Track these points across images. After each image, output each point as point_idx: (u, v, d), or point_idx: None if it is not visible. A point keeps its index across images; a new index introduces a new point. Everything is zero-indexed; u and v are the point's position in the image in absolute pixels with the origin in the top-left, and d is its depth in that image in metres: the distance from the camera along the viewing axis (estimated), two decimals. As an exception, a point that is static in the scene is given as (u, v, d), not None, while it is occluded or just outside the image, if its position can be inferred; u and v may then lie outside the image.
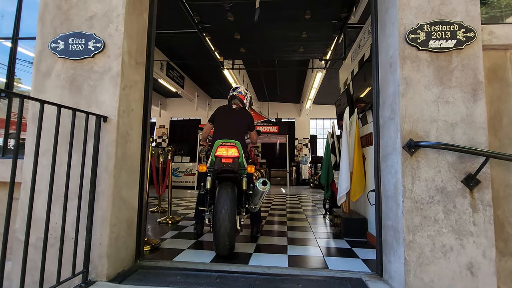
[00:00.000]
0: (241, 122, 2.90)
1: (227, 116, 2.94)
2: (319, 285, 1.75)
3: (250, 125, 2.99)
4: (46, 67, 1.91)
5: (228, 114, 2.95)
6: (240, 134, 2.83)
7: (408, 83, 1.67)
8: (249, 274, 1.91)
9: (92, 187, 1.72)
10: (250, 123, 2.98)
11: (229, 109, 3.01)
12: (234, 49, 4.35)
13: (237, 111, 2.98)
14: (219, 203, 2.17)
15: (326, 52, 4.45)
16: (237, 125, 2.85)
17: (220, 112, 2.98)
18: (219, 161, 2.29)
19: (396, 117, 1.70)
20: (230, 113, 2.96)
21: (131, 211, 2.01)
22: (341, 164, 2.96)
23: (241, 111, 2.99)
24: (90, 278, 1.72)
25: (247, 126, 2.96)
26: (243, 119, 2.93)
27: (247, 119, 2.97)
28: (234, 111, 2.98)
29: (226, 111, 2.99)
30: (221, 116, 2.93)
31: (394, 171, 1.71)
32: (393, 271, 1.70)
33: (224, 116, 2.93)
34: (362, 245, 2.71)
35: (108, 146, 1.82)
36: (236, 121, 2.89)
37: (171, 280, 1.78)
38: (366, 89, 2.91)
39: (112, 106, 1.85)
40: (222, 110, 3.01)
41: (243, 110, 3.03)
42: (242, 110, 3.03)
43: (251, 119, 3.02)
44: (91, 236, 1.70)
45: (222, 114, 2.95)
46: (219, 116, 2.94)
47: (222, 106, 3.08)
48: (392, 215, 1.73)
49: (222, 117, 2.93)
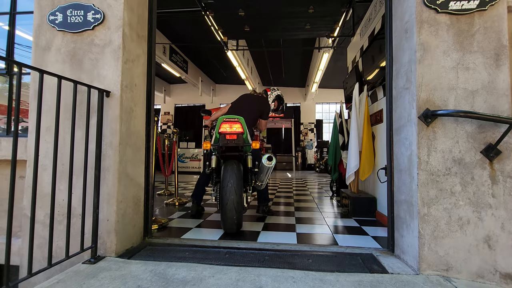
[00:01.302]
0: (254, 107, 2.94)
1: (244, 101, 2.99)
2: (329, 260, 1.72)
3: (264, 113, 3.02)
4: (46, 41, 1.85)
5: (246, 100, 3.00)
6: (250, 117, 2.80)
7: (425, 49, 1.57)
8: (258, 250, 1.90)
9: (97, 163, 1.69)
10: (264, 110, 3.02)
11: (248, 96, 3.08)
12: (238, 27, 4.19)
13: (255, 97, 3.05)
14: (225, 178, 2.14)
15: (333, 29, 4.27)
16: (248, 108, 2.89)
17: (240, 98, 3.05)
18: (223, 138, 2.24)
19: (412, 86, 1.60)
20: (248, 98, 3.02)
21: (138, 188, 1.99)
22: (350, 142, 2.88)
23: (259, 99, 3.04)
24: (99, 253, 1.72)
25: (260, 112, 2.97)
26: (257, 106, 2.97)
27: (263, 107, 3.01)
28: (252, 97, 3.04)
29: (245, 97, 3.05)
30: (239, 100, 3.01)
31: (408, 143, 1.64)
32: (405, 245, 1.66)
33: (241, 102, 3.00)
34: (371, 224, 2.68)
35: (112, 122, 1.77)
36: (249, 104, 2.95)
37: (180, 256, 1.77)
38: (377, 63, 2.79)
39: (115, 80, 1.79)
40: (243, 96, 3.08)
41: (261, 99, 3.05)
42: (261, 98, 3.06)
43: (268, 108, 3.04)
44: (98, 212, 1.68)
45: (240, 100, 3.02)
46: (237, 100, 3.02)
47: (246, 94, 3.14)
48: (405, 189, 1.67)
49: (239, 102, 3.00)
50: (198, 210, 3.02)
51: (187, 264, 1.64)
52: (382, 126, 2.78)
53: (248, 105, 2.92)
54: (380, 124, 2.82)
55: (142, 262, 1.66)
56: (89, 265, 1.59)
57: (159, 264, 1.63)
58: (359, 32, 3.83)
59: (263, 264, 1.66)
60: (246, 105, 2.92)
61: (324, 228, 2.51)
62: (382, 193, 2.80)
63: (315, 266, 1.63)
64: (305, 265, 1.65)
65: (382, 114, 2.78)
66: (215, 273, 1.50)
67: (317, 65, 7.45)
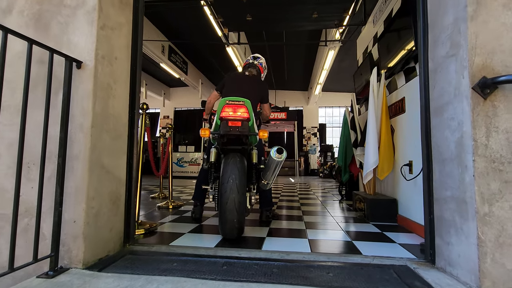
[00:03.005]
0: (254, 90, 2.47)
1: (238, 82, 2.49)
2: (354, 274, 1.35)
3: (264, 96, 2.56)
4: (7, 2, 1.52)
5: (240, 81, 2.51)
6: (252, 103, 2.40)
7: (479, 2, 1.23)
8: (263, 260, 1.52)
9: (62, 149, 1.34)
10: (264, 93, 2.55)
11: (241, 75, 2.58)
12: (240, 16, 3.88)
13: (251, 78, 2.55)
14: (225, 172, 1.77)
15: (343, 18, 3.96)
16: (248, 93, 2.37)
17: (230, 79, 2.53)
18: (225, 125, 1.87)
19: (461, 51, 1.26)
20: (242, 80, 2.52)
21: (117, 184, 1.63)
22: (367, 136, 2.53)
23: (256, 79, 2.57)
24: (62, 264, 1.35)
25: (261, 97, 2.53)
26: (257, 87, 2.50)
27: (262, 88, 2.55)
28: (247, 78, 2.54)
29: (238, 78, 2.55)
30: (231, 84, 2.48)
31: (456, 123, 1.29)
32: (455, 255, 1.29)
33: (235, 83, 2.48)
34: (393, 229, 2.30)
35: (83, 100, 1.43)
36: (248, 88, 2.44)
37: (165, 268, 1.40)
38: (397, 46, 2.45)
39: (88, 48, 1.45)
40: (234, 76, 2.57)
41: (258, 78, 2.60)
42: (257, 78, 2.60)
43: (267, 89, 2.60)
44: (61, 210, 1.32)
45: (233, 81, 2.51)
46: (229, 84, 2.49)
47: (233, 72, 2.66)
48: (452, 182, 1.31)
49: (232, 84, 2.48)
50: (201, 212, 2.63)
51: (173, 278, 1.27)
52: (404, 116, 2.43)
53: (247, 88, 2.43)
54: (402, 114, 2.47)
55: (115, 275, 1.29)
56: (45, 280, 1.22)
57: (137, 279, 1.26)
58: (371, 20, 3.52)
59: (271, 279, 1.29)
60: (246, 88, 2.43)
61: (340, 234, 2.13)
62: (405, 194, 2.43)
63: (339, 282, 1.26)
64: (325, 281, 1.28)
65: (403, 103, 2.44)
66: (209, 292, 1.14)
67: (321, 65, 7.16)
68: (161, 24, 6.81)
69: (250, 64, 2.63)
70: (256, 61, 2.66)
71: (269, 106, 2.64)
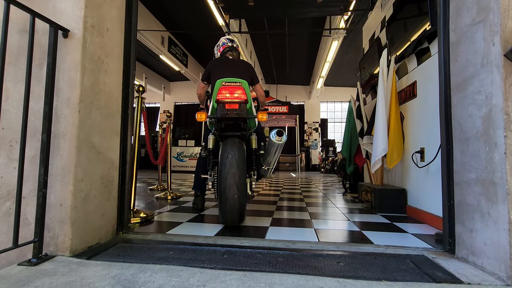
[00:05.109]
0: (243, 72, 2.34)
1: (226, 66, 2.36)
2: (367, 264, 1.23)
3: (253, 77, 2.43)
4: (-14, -34, 1.39)
5: (227, 64, 2.38)
6: None
7: (512, -42, 1.10)
8: (267, 249, 1.40)
9: (46, 125, 1.21)
10: (253, 73, 2.43)
11: (226, 59, 2.45)
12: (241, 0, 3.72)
13: (236, 61, 2.43)
14: (225, 151, 1.65)
15: (349, 3, 3.80)
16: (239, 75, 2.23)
17: (215, 65, 2.40)
18: (222, 107, 1.74)
19: (491, 15, 1.13)
20: (229, 63, 2.39)
21: (109, 166, 1.51)
22: (376, 121, 2.39)
23: (241, 61, 2.46)
24: (48, 251, 1.23)
25: (250, 78, 2.40)
26: (244, 69, 2.37)
27: (250, 68, 2.43)
28: (232, 61, 2.42)
29: (224, 61, 2.42)
30: (218, 70, 2.34)
31: (484, 97, 1.16)
32: (480, 243, 1.16)
33: (223, 67, 2.35)
34: (403, 220, 2.18)
35: (70, 72, 1.30)
36: (237, 70, 2.31)
37: (161, 256, 1.28)
38: (409, 26, 2.32)
39: (76, 15, 1.32)
40: (218, 62, 2.44)
41: (242, 60, 2.49)
42: (241, 60, 2.50)
43: (254, 69, 2.48)
44: (45, 192, 1.20)
45: (220, 66, 2.38)
46: (215, 70, 2.35)
47: (215, 59, 2.53)
48: (477, 163, 1.19)
49: (219, 70, 2.33)
50: (204, 202, 2.51)
51: (169, 267, 1.15)
52: (416, 101, 2.30)
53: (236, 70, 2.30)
54: (413, 100, 2.34)
55: (105, 264, 1.17)
56: (26, 268, 1.10)
57: (129, 267, 1.14)
58: (379, 5, 3.37)
59: (276, 268, 1.17)
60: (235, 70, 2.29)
61: (348, 224, 2.02)
62: (415, 183, 2.31)
63: (351, 272, 1.14)
64: (336, 270, 1.16)
65: (415, 87, 2.30)
66: (208, 281, 1.02)
67: (324, 57, 7.01)
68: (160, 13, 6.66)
69: (230, 48, 2.53)
70: (233, 44, 2.57)
71: (260, 85, 2.53)
